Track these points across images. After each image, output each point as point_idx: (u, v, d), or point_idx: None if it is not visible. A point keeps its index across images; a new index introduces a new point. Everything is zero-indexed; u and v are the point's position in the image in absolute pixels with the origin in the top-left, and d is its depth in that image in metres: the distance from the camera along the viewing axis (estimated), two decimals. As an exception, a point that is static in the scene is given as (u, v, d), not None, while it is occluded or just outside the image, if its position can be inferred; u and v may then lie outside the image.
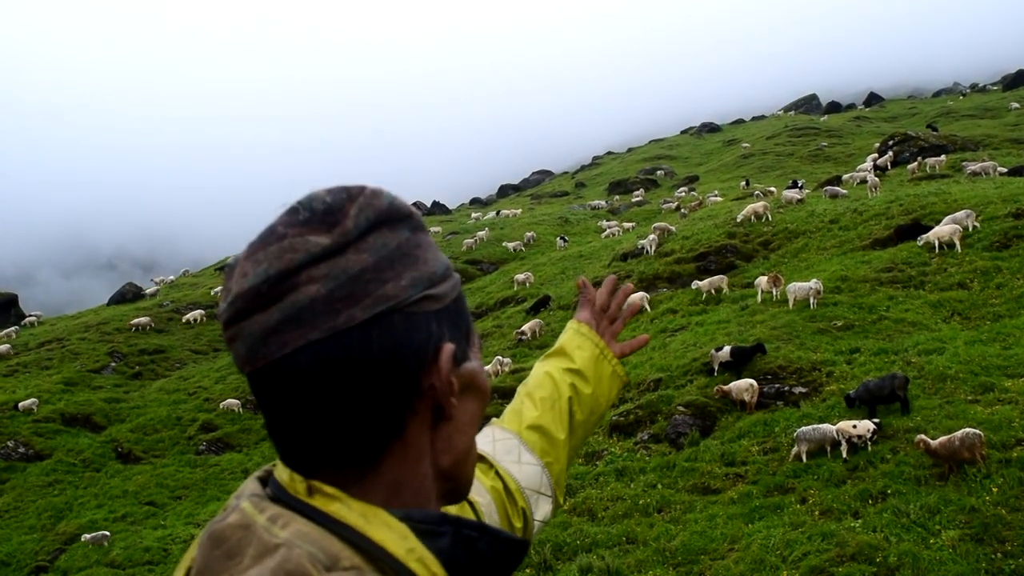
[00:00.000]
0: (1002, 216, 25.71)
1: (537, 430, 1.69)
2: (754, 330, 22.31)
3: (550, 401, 1.73)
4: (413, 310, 0.99)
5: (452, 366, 1.01)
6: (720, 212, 40.35)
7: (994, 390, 15.95)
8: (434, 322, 1.01)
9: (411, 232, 1.02)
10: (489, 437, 1.66)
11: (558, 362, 1.81)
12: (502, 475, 1.58)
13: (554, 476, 1.66)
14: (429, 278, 1.01)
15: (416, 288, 0.99)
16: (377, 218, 1.00)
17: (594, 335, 1.83)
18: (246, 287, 0.96)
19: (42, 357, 48.51)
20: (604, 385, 1.81)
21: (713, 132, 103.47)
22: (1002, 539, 11.38)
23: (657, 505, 15.39)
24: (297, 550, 0.89)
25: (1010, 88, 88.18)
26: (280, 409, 0.97)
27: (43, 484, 33.49)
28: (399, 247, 1.00)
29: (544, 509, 1.63)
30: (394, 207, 1.02)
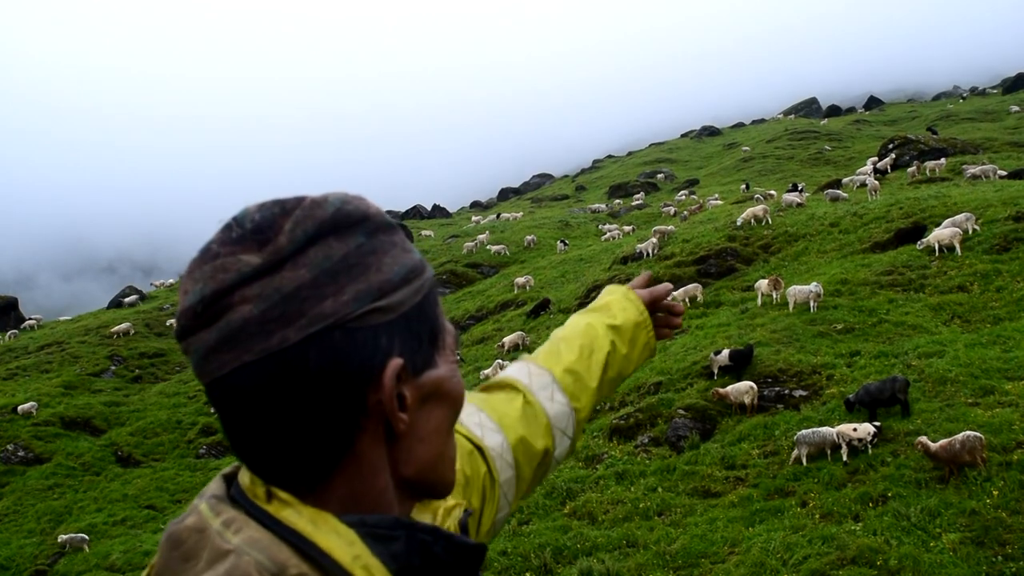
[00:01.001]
0: (1002, 219, 25.70)
1: (572, 374, 1.70)
2: (754, 333, 22.30)
3: (588, 350, 1.74)
4: (356, 325, 0.96)
5: (403, 380, 0.99)
6: (720, 215, 40.34)
7: (994, 393, 15.92)
8: (383, 335, 0.98)
9: (367, 237, 0.99)
10: (525, 370, 1.68)
11: (601, 317, 1.82)
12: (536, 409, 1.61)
13: (578, 421, 1.68)
14: (380, 288, 0.98)
15: (360, 302, 0.96)
16: (318, 230, 0.96)
17: (641, 304, 1.86)
18: (186, 306, 0.95)
19: (42, 360, 48.53)
20: (636, 351, 1.84)
21: (713, 135, 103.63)
22: (1003, 542, 11.36)
23: (657, 508, 15.37)
24: (246, 557, 0.89)
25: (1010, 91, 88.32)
26: (229, 423, 0.97)
27: (43, 488, 33.45)
28: (345, 258, 0.97)
29: (563, 448, 1.65)
30: (342, 214, 0.98)
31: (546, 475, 1.67)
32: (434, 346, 1.04)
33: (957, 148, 46.54)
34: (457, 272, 51.97)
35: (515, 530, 15.60)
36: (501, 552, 14.28)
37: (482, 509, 1.44)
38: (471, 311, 41.54)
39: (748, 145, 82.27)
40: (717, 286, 30.10)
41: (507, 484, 1.50)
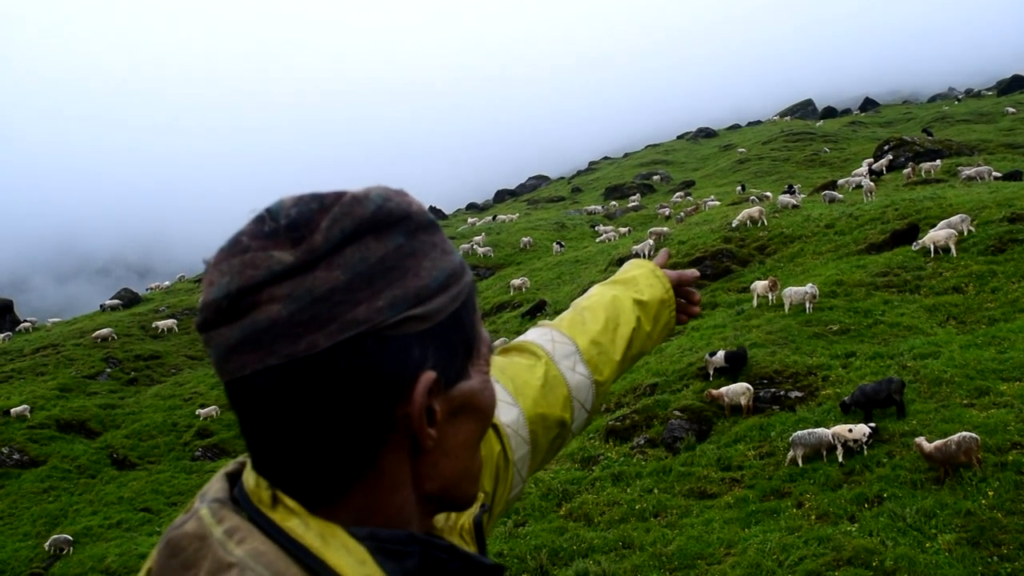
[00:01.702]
0: (997, 220, 25.74)
1: (597, 346, 1.66)
2: (750, 334, 22.31)
3: (614, 323, 1.71)
4: (390, 333, 0.90)
5: (434, 394, 0.93)
6: (716, 217, 40.37)
7: (990, 394, 15.95)
8: (416, 345, 0.92)
9: (407, 238, 0.93)
10: (548, 336, 1.64)
11: (628, 291, 1.78)
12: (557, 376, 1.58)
13: (598, 394, 1.65)
14: (416, 294, 0.92)
15: (396, 309, 0.90)
16: (357, 229, 0.91)
17: (667, 282, 1.84)
18: (210, 298, 0.90)
19: (37, 363, 48.40)
20: (658, 330, 1.81)
21: (709, 137, 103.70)
22: (998, 542, 11.38)
23: (653, 510, 15.37)
24: (249, 573, 0.85)
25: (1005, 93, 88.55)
26: (246, 424, 0.93)
27: (38, 491, 33.38)
28: (383, 259, 0.91)
29: (580, 420, 1.62)
30: (383, 212, 0.93)
31: (562, 447, 1.63)
32: (468, 356, 0.98)
33: (952, 150, 46.62)
34: (453, 274, 51.83)
35: (511, 532, 15.59)
36: (497, 554, 14.27)
37: (495, 490, 1.40)
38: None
39: (744, 147, 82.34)
40: (713, 287, 30.11)
41: (521, 461, 1.46)
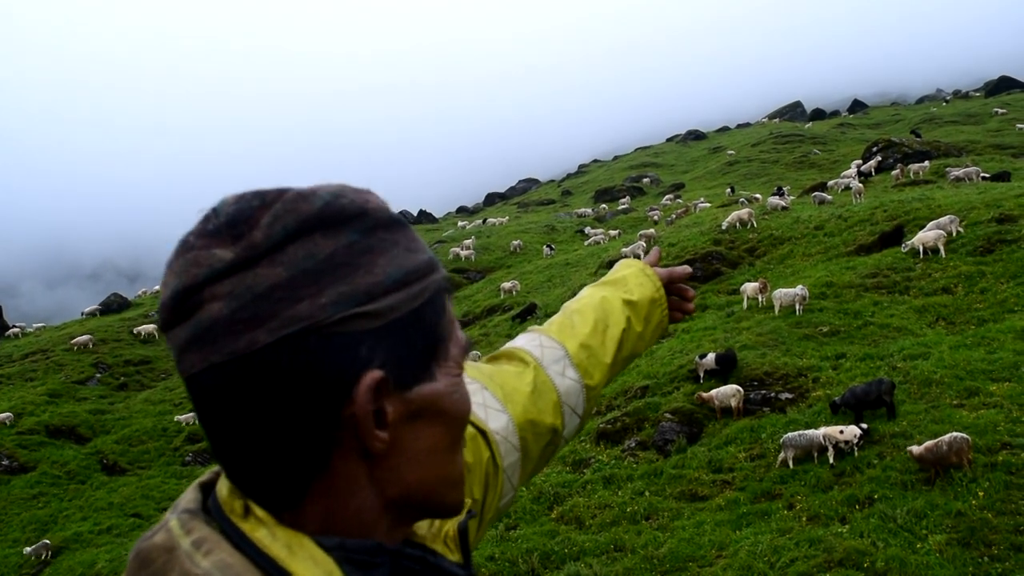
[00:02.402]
0: (985, 221, 25.84)
1: (586, 349, 1.63)
2: (740, 336, 22.34)
3: (603, 325, 1.67)
4: (335, 331, 0.88)
5: (385, 394, 0.91)
6: (706, 219, 40.44)
7: (979, 394, 15.99)
8: (363, 344, 0.90)
9: (362, 235, 0.92)
10: (536, 342, 1.61)
11: (617, 291, 1.75)
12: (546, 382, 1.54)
13: (589, 398, 1.61)
14: (367, 292, 0.90)
15: (340, 306, 0.88)
16: (301, 226, 0.90)
17: (658, 280, 1.82)
18: (164, 300, 0.91)
19: (26, 369, 48.20)
20: (650, 330, 1.77)
21: (699, 139, 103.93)
22: (988, 543, 11.40)
23: (645, 512, 15.37)
24: None
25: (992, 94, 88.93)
26: (203, 423, 0.92)
27: (27, 497, 33.23)
28: (331, 256, 0.90)
29: (572, 426, 1.58)
30: (332, 208, 0.91)
31: (555, 454, 1.60)
32: (433, 357, 0.95)
33: (940, 151, 46.80)
34: (444, 277, 51.82)
35: (502, 535, 15.56)
36: (488, 557, 14.25)
37: (484, 498, 1.36)
38: (458, 316, 40.83)
39: (733, 149, 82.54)
40: (703, 289, 30.14)
41: (511, 468, 1.42)
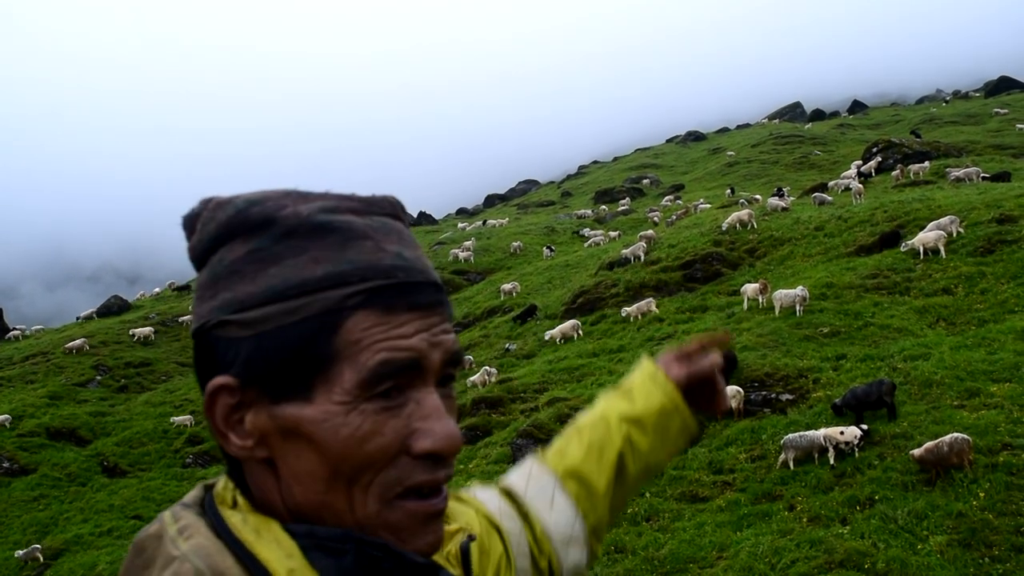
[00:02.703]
0: (985, 221, 25.84)
1: (576, 476, 1.48)
2: (740, 337, 22.33)
3: (598, 447, 1.52)
4: (215, 333, 0.95)
5: (248, 403, 0.95)
6: (706, 220, 40.44)
7: (980, 395, 15.98)
8: (231, 349, 0.94)
9: (272, 242, 0.95)
10: (526, 472, 1.50)
11: (619, 404, 1.58)
12: (530, 519, 1.40)
13: (590, 526, 1.45)
14: (241, 301, 0.94)
15: (221, 311, 0.94)
16: (219, 232, 0.97)
17: (670, 385, 1.60)
18: None
19: (27, 371, 48.21)
20: (669, 440, 1.57)
21: (698, 140, 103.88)
22: (989, 544, 11.39)
23: (645, 514, 15.36)
24: (187, 564, 0.88)
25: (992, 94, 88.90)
26: None
27: (28, 499, 33.24)
28: (233, 262, 0.95)
29: (575, 557, 1.41)
30: (240, 217, 0.96)
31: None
32: (312, 377, 0.93)
33: (940, 151, 46.80)
34: (444, 279, 51.17)
35: (503, 537, 15.55)
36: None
37: None
38: (458, 318, 41.46)
39: (733, 150, 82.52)
40: (703, 291, 30.15)
41: (523, 573, 1.33)
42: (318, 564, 0.92)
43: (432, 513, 0.98)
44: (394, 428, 0.94)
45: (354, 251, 0.95)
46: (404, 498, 0.96)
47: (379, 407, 0.94)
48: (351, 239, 0.96)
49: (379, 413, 0.94)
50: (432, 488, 0.98)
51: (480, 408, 24.62)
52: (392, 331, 0.94)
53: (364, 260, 0.95)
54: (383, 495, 0.95)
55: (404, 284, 0.97)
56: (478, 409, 24.61)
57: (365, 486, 0.94)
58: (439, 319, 1.00)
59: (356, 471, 0.94)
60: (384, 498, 0.95)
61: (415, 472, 0.96)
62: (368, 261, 0.96)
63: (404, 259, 0.99)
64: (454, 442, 0.97)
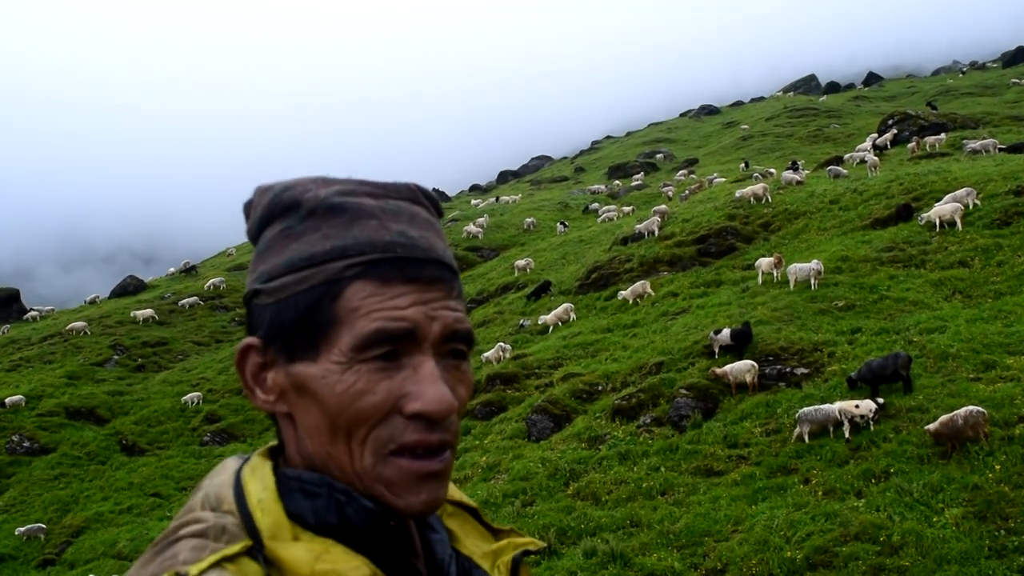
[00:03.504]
0: (1002, 193, 25.65)
1: None
2: (755, 312, 22.29)
3: None
4: (253, 301, 1.09)
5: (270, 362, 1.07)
6: (720, 194, 40.28)
7: (996, 368, 15.93)
8: (261, 315, 1.08)
9: (298, 222, 1.07)
10: None
11: None
12: None
13: None
14: (268, 272, 1.07)
15: (256, 282, 1.09)
16: (264, 215, 1.10)
17: None
18: None
19: (45, 351, 48.63)
20: None
21: (712, 114, 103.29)
22: (1005, 516, 11.39)
23: (660, 488, 15.42)
24: (201, 493, 1.05)
25: (1010, 65, 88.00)
26: None
27: (48, 478, 33.63)
28: (271, 240, 1.09)
29: None
30: (277, 200, 1.09)
31: None
32: (315, 341, 1.04)
33: (957, 123, 46.41)
34: (457, 256, 51.84)
35: (519, 512, 15.66)
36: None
37: None
38: (472, 294, 41.54)
39: (747, 123, 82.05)
40: (717, 265, 30.08)
41: None
42: (299, 502, 1.04)
43: (424, 473, 1.04)
44: (387, 388, 1.03)
45: (359, 228, 1.06)
46: (398, 455, 1.03)
47: (374, 368, 1.03)
48: (358, 218, 1.06)
49: (373, 373, 1.03)
50: (426, 449, 1.04)
51: (495, 384, 24.69)
52: (388, 301, 1.04)
53: (366, 236, 1.05)
54: (377, 450, 1.03)
55: (402, 259, 1.06)
56: (493, 385, 24.69)
57: (361, 440, 1.03)
58: (440, 295, 1.08)
59: (351, 424, 1.03)
60: (378, 453, 1.03)
61: (407, 432, 1.03)
62: (369, 237, 1.05)
63: (407, 237, 1.07)
64: (443, 406, 1.03)
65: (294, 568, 0.98)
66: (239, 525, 1.00)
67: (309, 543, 1.00)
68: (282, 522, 1.01)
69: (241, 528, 1.00)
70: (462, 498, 1.25)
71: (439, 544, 1.17)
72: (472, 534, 1.23)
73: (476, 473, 19.03)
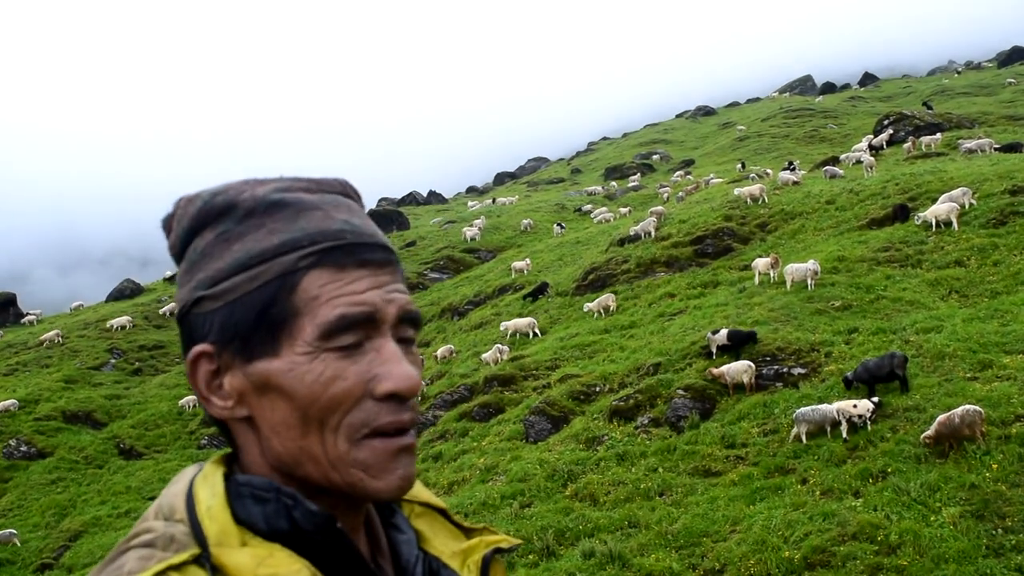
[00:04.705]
0: (998, 193, 25.69)
1: None
2: (752, 312, 22.31)
3: None
4: (193, 311, 1.08)
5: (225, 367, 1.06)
6: (716, 195, 40.31)
7: (992, 367, 15.96)
8: (207, 322, 1.06)
9: (236, 224, 1.07)
10: None
11: None
12: None
13: None
14: (212, 278, 1.06)
15: (196, 290, 1.07)
16: (192, 225, 1.09)
17: None
18: None
19: (42, 355, 48.51)
20: None
21: (708, 115, 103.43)
22: (1002, 515, 11.42)
23: (659, 489, 15.43)
24: (157, 502, 1.06)
25: (1005, 65, 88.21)
26: None
27: (46, 482, 33.55)
28: (205, 248, 1.08)
29: None
30: (208, 206, 1.08)
31: None
32: (275, 336, 1.04)
33: (953, 123, 46.48)
34: (455, 257, 51.97)
35: (517, 513, 15.66)
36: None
37: None
38: (469, 296, 41.52)
39: (743, 124, 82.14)
40: (714, 266, 30.09)
41: None
42: (250, 508, 1.04)
43: (398, 448, 1.06)
44: (356, 372, 1.03)
45: (305, 220, 1.06)
46: (371, 438, 1.04)
47: (340, 355, 1.03)
48: (303, 210, 1.07)
49: (340, 360, 1.03)
50: (398, 429, 1.05)
51: (492, 386, 24.68)
52: (346, 287, 1.05)
53: (314, 227, 1.06)
54: (351, 436, 1.04)
55: (353, 244, 1.07)
56: (490, 387, 24.68)
57: (335, 428, 1.03)
58: (390, 278, 1.09)
59: (324, 413, 1.03)
60: (352, 438, 1.04)
61: (380, 414, 1.04)
62: (318, 227, 1.06)
63: (352, 224, 1.09)
64: (413, 383, 1.05)
65: (237, 574, 0.98)
66: (188, 534, 1.00)
67: (254, 549, 1.01)
68: (229, 529, 1.01)
69: (190, 536, 1.00)
70: (430, 498, 1.25)
71: (405, 545, 1.18)
72: (441, 534, 1.22)
73: (474, 475, 19.03)
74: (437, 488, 18.86)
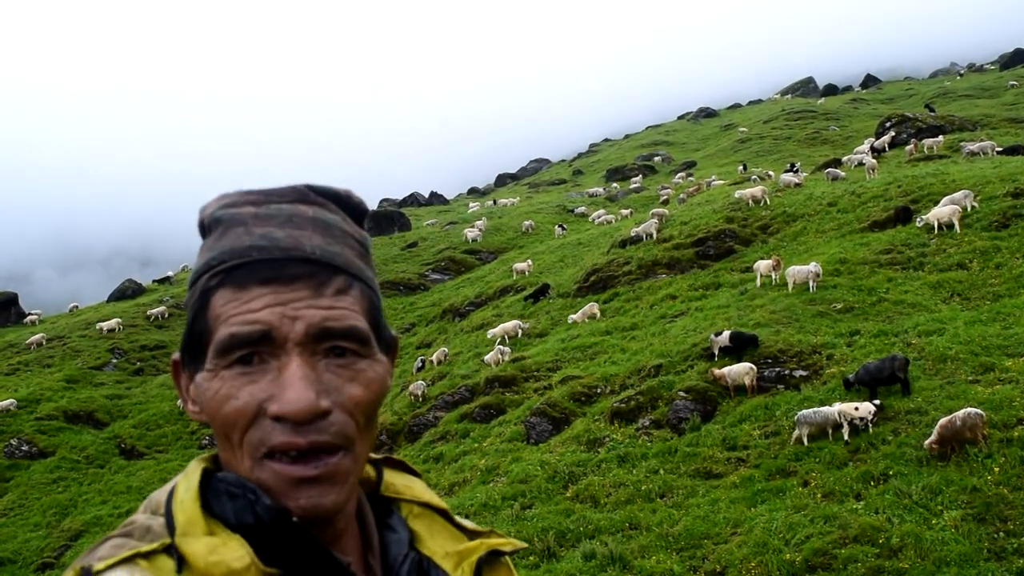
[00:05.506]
0: (1000, 196, 25.67)
1: None
2: (754, 314, 22.30)
3: None
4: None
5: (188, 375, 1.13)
6: (718, 197, 40.30)
7: (994, 370, 15.94)
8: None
9: (202, 239, 1.14)
10: None
11: None
12: None
13: None
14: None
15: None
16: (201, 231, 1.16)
17: None
18: None
19: (43, 355, 48.55)
20: None
21: (710, 117, 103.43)
22: (1004, 518, 11.40)
23: (659, 491, 15.41)
24: (148, 498, 1.12)
25: (1007, 67, 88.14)
26: None
27: (47, 481, 33.58)
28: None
29: None
30: (200, 218, 1.14)
31: None
32: (198, 352, 1.10)
33: (955, 125, 46.45)
34: (456, 259, 52.01)
35: (518, 515, 15.65)
36: (505, 537, 14.30)
37: None
38: (470, 297, 41.54)
39: (745, 126, 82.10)
40: (716, 268, 30.09)
41: None
42: (223, 504, 1.07)
43: (298, 479, 1.04)
44: (250, 392, 1.04)
45: (227, 239, 1.09)
46: (270, 458, 1.05)
47: (237, 373, 1.05)
48: (230, 227, 1.09)
49: (236, 379, 1.05)
50: (298, 452, 1.04)
51: (494, 387, 24.68)
52: (243, 305, 1.06)
53: (228, 245, 1.08)
54: (252, 454, 1.05)
55: (257, 262, 1.06)
56: (492, 388, 24.68)
57: (238, 444, 1.06)
58: (305, 294, 1.07)
59: (225, 430, 1.07)
60: (253, 456, 1.05)
61: (274, 434, 1.04)
62: (231, 245, 1.08)
63: (269, 239, 1.08)
64: (299, 406, 1.02)
65: (193, 561, 1.01)
66: (164, 525, 1.05)
67: (212, 538, 1.03)
68: (196, 519, 1.05)
69: (165, 528, 1.05)
70: (431, 499, 1.24)
71: (395, 543, 1.18)
72: (440, 535, 1.21)
73: (475, 476, 19.03)
74: (438, 489, 18.84)
